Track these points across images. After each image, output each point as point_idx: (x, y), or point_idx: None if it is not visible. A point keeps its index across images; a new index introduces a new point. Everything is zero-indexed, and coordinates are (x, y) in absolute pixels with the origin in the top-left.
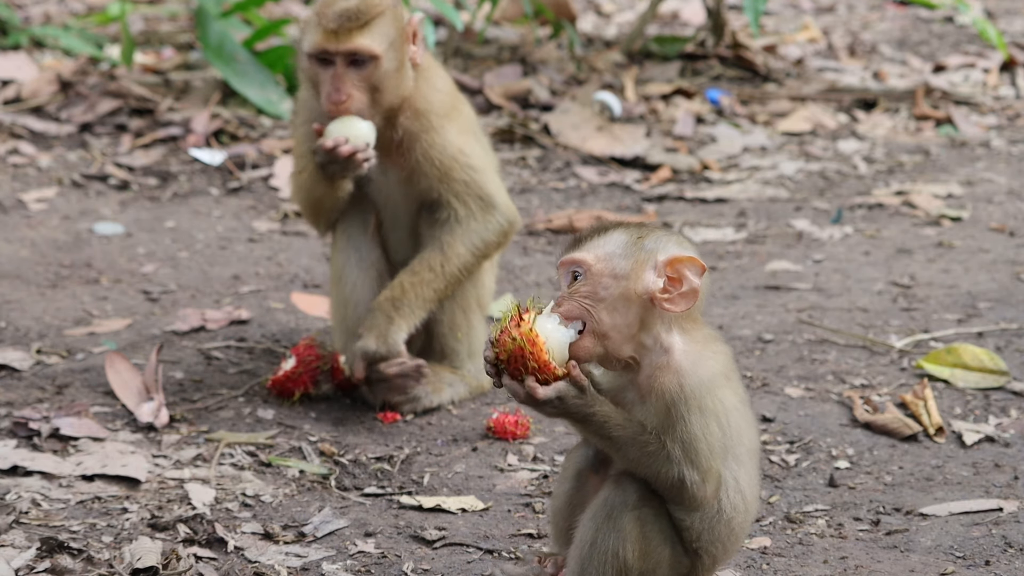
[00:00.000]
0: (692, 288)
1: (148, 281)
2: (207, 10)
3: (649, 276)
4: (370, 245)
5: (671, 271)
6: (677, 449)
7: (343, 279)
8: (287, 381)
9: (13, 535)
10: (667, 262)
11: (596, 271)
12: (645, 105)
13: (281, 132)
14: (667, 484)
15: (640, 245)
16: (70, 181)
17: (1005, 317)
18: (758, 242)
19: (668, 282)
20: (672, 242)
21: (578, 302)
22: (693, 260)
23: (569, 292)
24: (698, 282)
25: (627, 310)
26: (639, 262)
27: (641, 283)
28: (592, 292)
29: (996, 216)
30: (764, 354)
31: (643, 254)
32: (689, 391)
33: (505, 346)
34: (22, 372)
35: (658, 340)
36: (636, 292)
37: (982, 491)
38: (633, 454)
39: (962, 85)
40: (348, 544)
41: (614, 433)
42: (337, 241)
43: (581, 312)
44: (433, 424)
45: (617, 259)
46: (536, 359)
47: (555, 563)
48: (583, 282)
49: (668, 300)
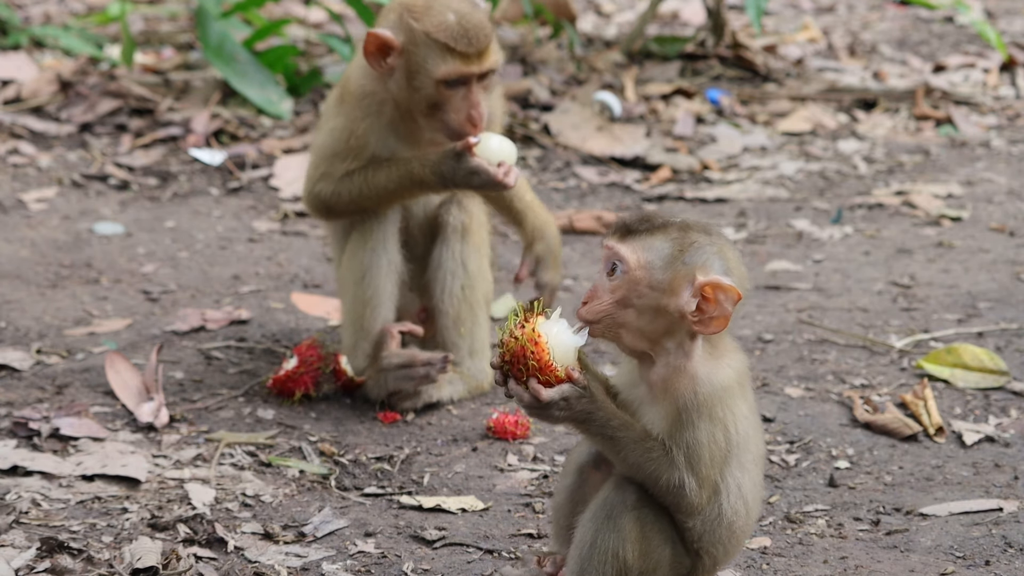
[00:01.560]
0: (724, 315)
1: (148, 281)
2: (207, 10)
3: (684, 295)
4: (397, 247)
5: (708, 293)
6: (681, 454)
7: (367, 280)
8: (288, 381)
9: (13, 535)
10: (704, 285)
11: (634, 277)
12: (645, 105)
13: (281, 132)
14: (666, 489)
15: (681, 259)
16: (70, 181)
17: (1005, 317)
18: (758, 242)
19: (702, 301)
20: (714, 260)
21: (607, 308)
22: (731, 289)
23: (610, 288)
24: (731, 309)
25: (655, 319)
26: (677, 277)
27: (675, 301)
28: (626, 298)
29: (996, 216)
30: (764, 354)
31: (683, 269)
32: (703, 398)
33: (508, 346)
34: (22, 372)
35: (680, 344)
36: (668, 308)
37: (982, 491)
38: (634, 457)
39: (962, 85)
40: (348, 544)
41: (617, 435)
42: (363, 238)
43: (604, 316)
44: (433, 424)
45: (656, 271)
46: (537, 359)
47: (555, 562)
48: (619, 282)
49: (699, 323)
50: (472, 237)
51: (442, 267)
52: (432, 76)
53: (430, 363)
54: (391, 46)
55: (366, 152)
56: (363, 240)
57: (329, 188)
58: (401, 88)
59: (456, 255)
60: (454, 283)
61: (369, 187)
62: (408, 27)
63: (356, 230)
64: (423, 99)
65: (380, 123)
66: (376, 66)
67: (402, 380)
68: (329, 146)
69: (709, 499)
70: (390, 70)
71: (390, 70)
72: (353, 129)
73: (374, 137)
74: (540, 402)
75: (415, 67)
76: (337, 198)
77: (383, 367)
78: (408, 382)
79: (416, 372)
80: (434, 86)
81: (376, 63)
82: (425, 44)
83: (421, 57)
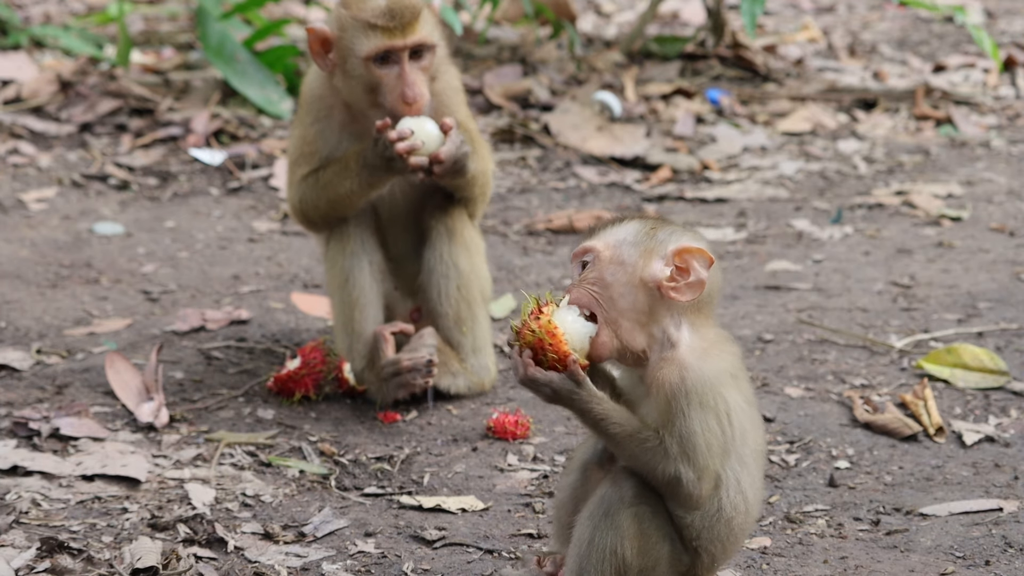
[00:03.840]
0: (699, 279)
1: (148, 281)
2: (207, 10)
3: (657, 264)
4: (376, 247)
5: (679, 261)
6: (674, 445)
7: (351, 283)
8: (289, 381)
9: (13, 535)
10: (675, 252)
11: (604, 257)
12: (645, 105)
13: (281, 132)
14: (663, 481)
15: (652, 235)
16: (70, 181)
17: (1005, 317)
18: (758, 242)
19: (676, 271)
20: (684, 234)
21: (587, 289)
22: (702, 252)
23: (579, 280)
24: (705, 273)
25: (634, 297)
26: (648, 250)
27: (648, 271)
28: (599, 278)
29: (996, 216)
30: (764, 354)
31: (653, 243)
32: (691, 385)
33: (525, 339)
34: (22, 372)
35: (666, 333)
36: (643, 279)
37: (982, 491)
38: (631, 450)
39: (962, 85)
40: (348, 544)
41: (613, 430)
42: (341, 243)
43: (590, 300)
44: (433, 424)
45: (627, 247)
46: (556, 350)
47: (554, 562)
48: (591, 268)
49: (674, 289)
50: (459, 236)
51: (434, 270)
52: (359, 56)
53: (415, 369)
54: (328, 39)
55: (317, 157)
56: (341, 245)
57: (296, 196)
58: (341, 81)
59: (445, 257)
60: (448, 285)
61: (321, 187)
62: (338, 16)
63: (334, 236)
64: (359, 85)
65: (331, 126)
66: (322, 64)
67: (397, 388)
68: (291, 154)
69: (710, 491)
70: (333, 66)
71: (333, 66)
72: (305, 135)
73: (323, 141)
74: (528, 377)
75: (346, 53)
76: (304, 204)
77: (383, 377)
78: (401, 390)
79: (403, 380)
80: (364, 66)
81: (321, 61)
82: (352, 27)
83: (349, 41)
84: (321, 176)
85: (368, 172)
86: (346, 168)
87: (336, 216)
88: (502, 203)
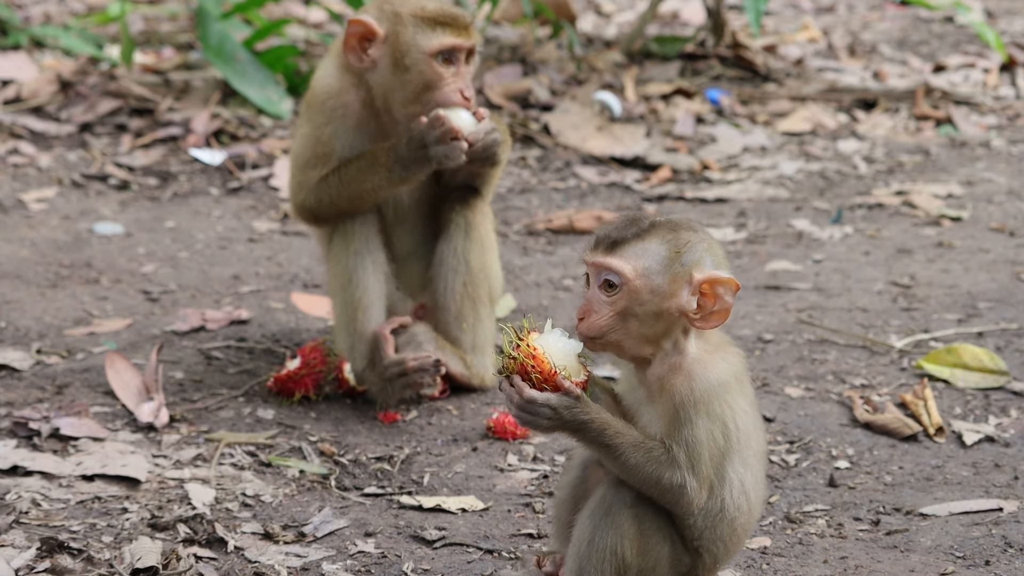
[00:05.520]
0: (725, 308)
1: (148, 281)
2: (207, 10)
3: (684, 294)
4: (380, 246)
5: (706, 289)
6: (682, 452)
7: (354, 283)
8: (289, 380)
9: (13, 535)
10: (703, 282)
11: (634, 287)
12: (645, 105)
13: (281, 132)
14: (666, 489)
15: (678, 258)
16: (70, 181)
17: (1005, 317)
18: (758, 242)
19: (701, 298)
20: (707, 257)
21: (608, 322)
22: (729, 282)
23: (602, 303)
24: (731, 302)
25: (656, 323)
26: (676, 278)
27: (675, 302)
28: (627, 308)
29: (996, 216)
30: (764, 354)
31: (680, 270)
32: (699, 394)
33: (509, 368)
34: (22, 372)
35: (675, 343)
36: (670, 310)
37: (982, 491)
38: (634, 460)
39: (962, 85)
40: (348, 544)
41: (614, 440)
42: (345, 242)
43: (606, 330)
44: (433, 424)
45: (655, 276)
46: (539, 370)
47: (554, 561)
48: (619, 295)
49: (701, 319)
50: (475, 232)
51: (444, 263)
52: (425, 51)
53: (423, 369)
54: (375, 34)
55: (333, 157)
56: (345, 244)
57: (311, 197)
58: (385, 77)
59: (458, 251)
60: (455, 280)
61: (344, 185)
62: (392, 12)
63: (337, 234)
64: (415, 81)
65: (345, 125)
66: (356, 60)
67: (403, 388)
68: (300, 155)
69: (706, 499)
70: (372, 63)
71: (372, 63)
72: (318, 135)
73: (339, 141)
74: (526, 400)
75: (405, 48)
76: (319, 204)
77: (387, 377)
78: (407, 390)
79: (410, 380)
80: (427, 62)
81: (356, 56)
82: (414, 23)
83: (411, 36)
84: (344, 174)
85: (401, 167)
86: (374, 164)
87: (352, 213)
88: (502, 203)
